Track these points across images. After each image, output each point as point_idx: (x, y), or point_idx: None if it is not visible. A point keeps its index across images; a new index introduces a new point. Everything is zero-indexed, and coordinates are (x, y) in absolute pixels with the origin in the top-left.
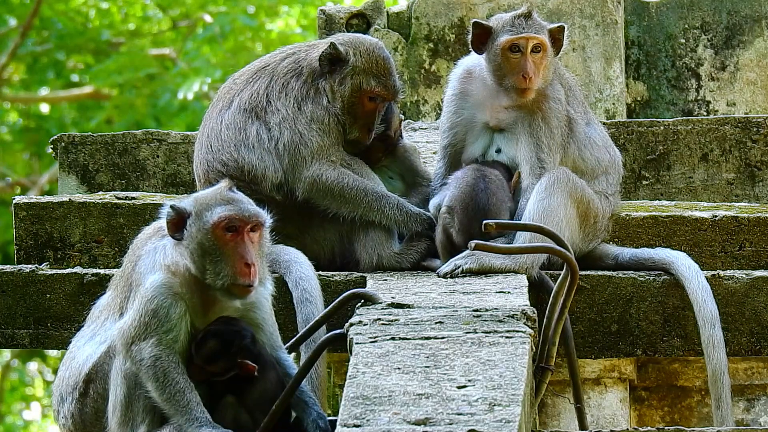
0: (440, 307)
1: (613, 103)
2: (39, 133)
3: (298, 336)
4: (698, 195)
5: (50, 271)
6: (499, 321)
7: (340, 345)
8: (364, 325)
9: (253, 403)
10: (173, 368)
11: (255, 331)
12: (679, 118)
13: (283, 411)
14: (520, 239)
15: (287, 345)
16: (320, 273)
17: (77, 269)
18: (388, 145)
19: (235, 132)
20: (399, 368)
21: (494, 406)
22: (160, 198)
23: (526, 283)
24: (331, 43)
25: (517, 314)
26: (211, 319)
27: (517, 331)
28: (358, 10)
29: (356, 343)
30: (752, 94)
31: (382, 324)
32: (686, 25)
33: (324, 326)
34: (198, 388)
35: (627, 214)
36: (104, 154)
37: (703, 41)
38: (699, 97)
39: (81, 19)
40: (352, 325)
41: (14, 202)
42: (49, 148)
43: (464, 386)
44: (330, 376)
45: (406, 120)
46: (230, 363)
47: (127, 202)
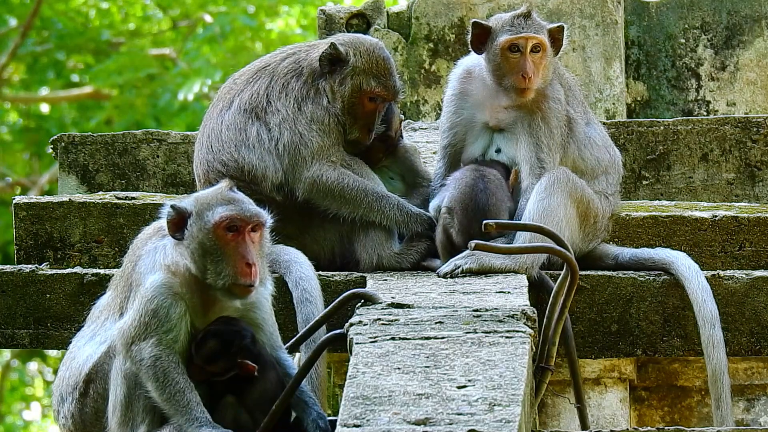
0: (440, 307)
1: (613, 103)
2: (39, 133)
3: (298, 336)
4: (698, 195)
5: (50, 271)
6: (499, 321)
7: (340, 345)
8: (364, 325)
9: (253, 403)
10: (173, 368)
11: (255, 331)
12: (679, 118)
13: (283, 411)
14: (520, 239)
15: (287, 345)
16: (320, 273)
17: (77, 269)
18: (389, 146)
19: (235, 132)
20: (399, 368)
21: (494, 406)
22: (160, 198)
23: (526, 283)
24: (332, 43)
25: (517, 314)
26: (211, 319)
27: (517, 331)
28: (358, 10)
29: (356, 343)
30: (752, 94)
31: (382, 324)
32: (686, 25)
33: (324, 326)
34: (198, 388)
35: (627, 214)
36: (104, 154)
37: (703, 41)
38: (699, 97)
39: (81, 19)
40: (352, 325)
41: (14, 202)
42: (49, 148)
43: (464, 386)
44: (330, 376)
45: (406, 120)
46: (230, 363)
47: (127, 202)
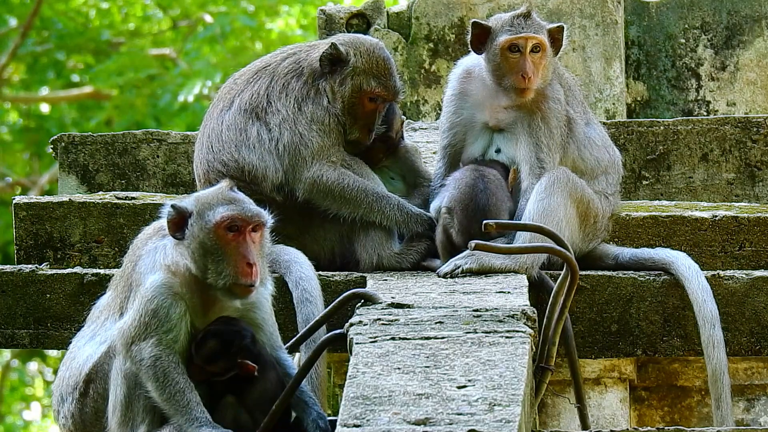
0: (440, 307)
1: (613, 103)
2: (39, 133)
3: (298, 336)
4: (698, 195)
5: (50, 271)
6: (499, 321)
7: (340, 345)
8: (364, 325)
9: (253, 403)
10: (173, 368)
11: (255, 331)
12: (679, 118)
13: (283, 411)
14: (520, 239)
15: (287, 345)
16: (320, 273)
17: (77, 269)
18: (390, 146)
19: (235, 132)
20: (399, 368)
21: (494, 406)
22: (160, 198)
23: (526, 283)
24: (332, 43)
25: (517, 314)
26: (211, 319)
27: (517, 331)
28: (358, 10)
29: (356, 343)
30: (752, 94)
31: (382, 324)
32: (686, 25)
33: (324, 326)
34: (198, 388)
35: (627, 214)
36: (104, 154)
37: (703, 41)
38: (699, 97)
39: (81, 19)
40: (352, 325)
41: (14, 202)
42: (49, 148)
43: (464, 386)
44: (330, 376)
45: (406, 120)
46: (230, 363)
47: (127, 202)
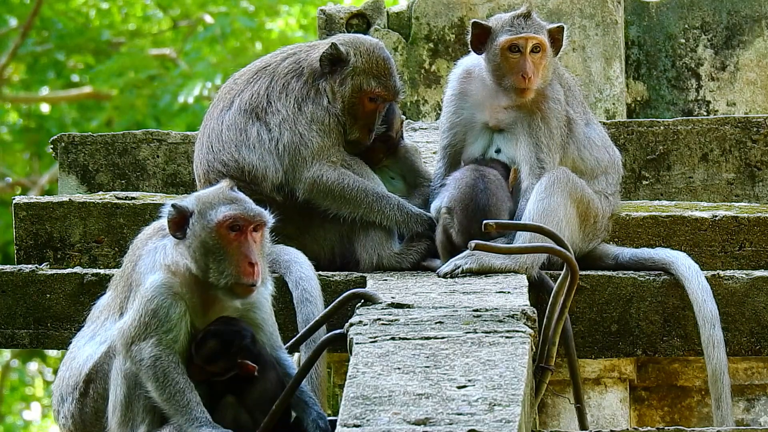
0: (440, 307)
1: (613, 103)
2: (39, 133)
3: (298, 336)
4: (698, 195)
5: (50, 271)
6: (499, 321)
7: (340, 345)
8: (364, 325)
9: (253, 403)
10: (173, 368)
11: (255, 331)
12: (679, 118)
13: (283, 411)
14: (520, 239)
15: (287, 345)
16: (320, 273)
17: (77, 269)
18: (390, 146)
19: (235, 132)
20: (399, 368)
21: (494, 406)
22: (160, 198)
23: (526, 283)
24: (332, 43)
25: (517, 314)
26: (211, 319)
27: (517, 331)
28: (358, 10)
29: (356, 343)
30: (752, 94)
31: (382, 324)
32: (686, 25)
33: (324, 326)
34: (198, 388)
35: (627, 214)
36: (104, 154)
37: (703, 41)
38: (699, 97)
39: (81, 19)
40: (352, 325)
41: (14, 202)
42: (49, 148)
43: (464, 386)
44: (330, 376)
45: (406, 120)
46: (230, 363)
47: (127, 202)
